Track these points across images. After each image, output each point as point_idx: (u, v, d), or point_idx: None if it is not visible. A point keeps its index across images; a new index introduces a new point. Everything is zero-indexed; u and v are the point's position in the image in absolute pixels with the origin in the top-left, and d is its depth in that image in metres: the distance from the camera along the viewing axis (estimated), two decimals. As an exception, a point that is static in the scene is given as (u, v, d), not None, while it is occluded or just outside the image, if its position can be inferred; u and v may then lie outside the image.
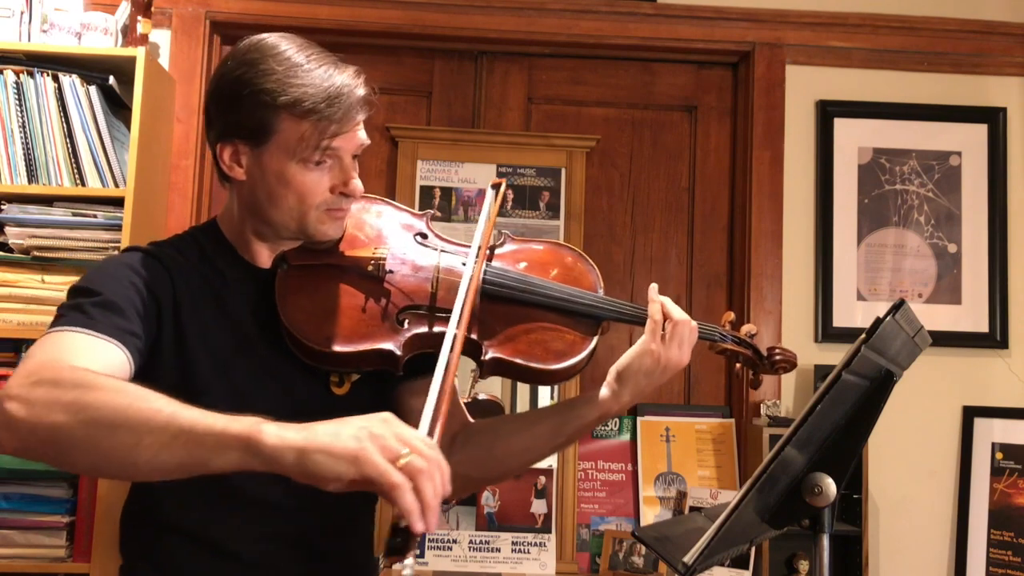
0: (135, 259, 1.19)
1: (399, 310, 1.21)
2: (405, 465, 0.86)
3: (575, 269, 1.34)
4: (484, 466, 1.32)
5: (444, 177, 2.55)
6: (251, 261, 1.25)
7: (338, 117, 1.14)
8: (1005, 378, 2.60)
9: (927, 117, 2.65)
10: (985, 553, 2.47)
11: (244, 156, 1.18)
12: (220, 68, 1.21)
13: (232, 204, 1.26)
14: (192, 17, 2.55)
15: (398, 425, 0.90)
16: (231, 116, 1.17)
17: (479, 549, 2.34)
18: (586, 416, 1.29)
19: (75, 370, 0.96)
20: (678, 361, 1.28)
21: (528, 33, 2.61)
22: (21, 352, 2.17)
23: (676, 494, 2.47)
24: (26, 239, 2.16)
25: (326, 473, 0.87)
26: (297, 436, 0.88)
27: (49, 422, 0.91)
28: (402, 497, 0.85)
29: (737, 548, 1.45)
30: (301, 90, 1.13)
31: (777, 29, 2.64)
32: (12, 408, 0.93)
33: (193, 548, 1.19)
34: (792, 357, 1.39)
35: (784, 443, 0.99)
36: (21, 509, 2.13)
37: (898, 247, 2.62)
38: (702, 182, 2.72)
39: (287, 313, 1.17)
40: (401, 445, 0.87)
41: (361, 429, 0.88)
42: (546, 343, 1.24)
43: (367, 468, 0.86)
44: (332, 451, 0.86)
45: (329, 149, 1.16)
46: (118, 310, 1.09)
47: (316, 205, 1.18)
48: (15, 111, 2.19)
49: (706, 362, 2.66)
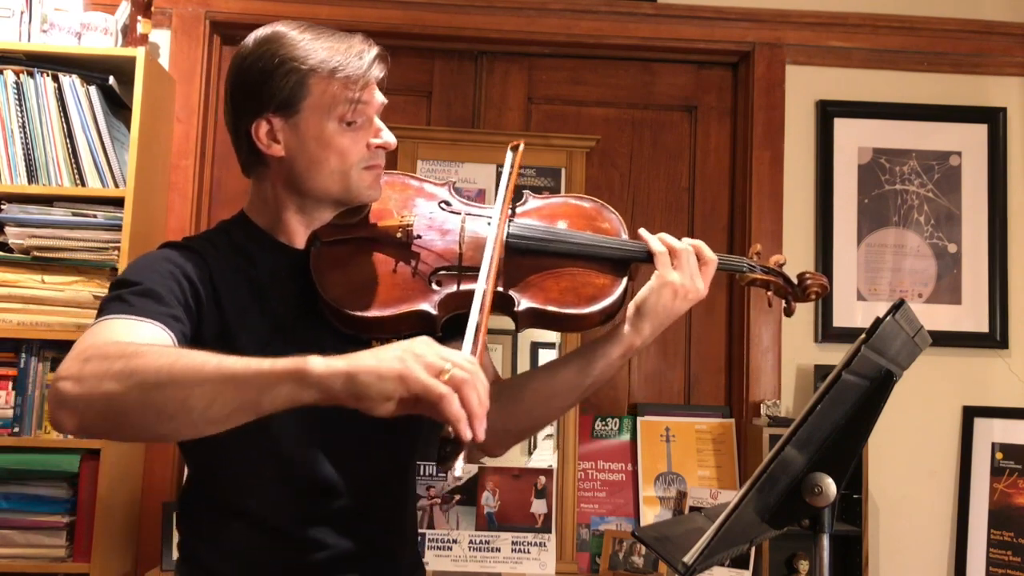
0: (170, 252, 1.22)
1: (431, 272, 1.25)
2: (449, 378, 0.91)
3: (598, 217, 1.37)
4: (515, 417, 1.35)
5: (444, 177, 2.55)
6: (288, 243, 1.28)
7: (363, 71, 1.21)
8: (1005, 378, 2.60)
9: (927, 117, 2.65)
10: (985, 553, 2.47)
11: (280, 131, 1.23)
12: (237, 58, 1.26)
13: (264, 190, 1.28)
14: (192, 17, 2.55)
15: (437, 345, 0.95)
16: (263, 91, 1.21)
17: (479, 549, 2.34)
18: (610, 354, 1.31)
19: (119, 343, 1.00)
20: (695, 291, 1.31)
21: (528, 33, 2.62)
22: (21, 352, 2.17)
23: (676, 494, 2.47)
24: (26, 239, 2.16)
25: (375, 394, 0.91)
26: (343, 362, 0.93)
27: (102, 392, 0.95)
28: (449, 406, 0.90)
29: (737, 548, 1.45)
30: (325, 52, 1.21)
31: (777, 29, 2.64)
32: (66, 387, 0.96)
33: (251, 530, 1.23)
34: (824, 281, 1.40)
35: (784, 443, 0.99)
36: (21, 509, 2.13)
37: (898, 247, 2.62)
38: (702, 182, 2.72)
39: (325, 287, 1.21)
40: (443, 361, 0.92)
41: (404, 350, 0.93)
42: (576, 289, 1.28)
43: (413, 384, 0.90)
44: (379, 372, 0.91)
45: (360, 104, 1.22)
46: (158, 297, 1.12)
47: (356, 163, 1.24)
48: (15, 111, 2.19)
49: (706, 362, 2.66)
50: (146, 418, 0.96)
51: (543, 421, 1.46)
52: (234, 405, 0.94)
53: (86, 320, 2.17)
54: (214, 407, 0.94)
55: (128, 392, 0.94)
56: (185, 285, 1.17)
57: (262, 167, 1.27)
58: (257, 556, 1.24)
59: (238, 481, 1.23)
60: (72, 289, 2.18)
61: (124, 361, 0.96)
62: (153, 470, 2.41)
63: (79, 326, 2.17)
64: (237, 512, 1.24)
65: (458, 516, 2.34)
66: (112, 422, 0.97)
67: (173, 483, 2.42)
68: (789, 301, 1.42)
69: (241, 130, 1.24)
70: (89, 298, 2.17)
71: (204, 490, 1.28)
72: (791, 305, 1.42)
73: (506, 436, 1.38)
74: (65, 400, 0.96)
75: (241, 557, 1.24)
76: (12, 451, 2.12)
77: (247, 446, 1.18)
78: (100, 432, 1.01)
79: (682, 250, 1.32)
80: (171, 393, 0.94)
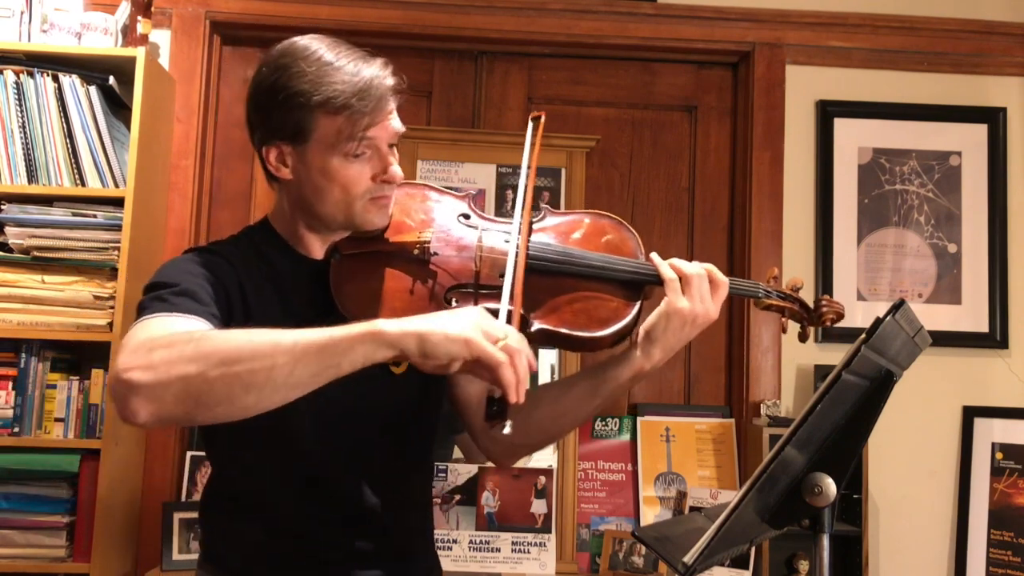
0: (198, 256, 1.26)
1: (446, 290, 1.27)
2: (505, 346, 1.02)
3: (615, 237, 1.36)
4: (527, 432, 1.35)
5: (444, 177, 2.55)
6: (305, 254, 1.31)
7: (369, 109, 1.20)
8: (1005, 378, 2.60)
9: (927, 117, 2.65)
10: (985, 553, 2.47)
11: (288, 156, 1.25)
12: (256, 76, 1.27)
13: (282, 202, 1.32)
14: (192, 17, 2.55)
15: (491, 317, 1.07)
16: (271, 120, 1.23)
17: (479, 549, 2.34)
18: (619, 376, 1.32)
19: (176, 333, 1.04)
20: (705, 315, 1.29)
21: (528, 33, 2.62)
22: (21, 352, 2.17)
23: (676, 494, 2.47)
24: (26, 239, 2.16)
25: (442, 354, 1.01)
26: (415, 324, 1.02)
27: (178, 375, 0.98)
28: (505, 372, 1.01)
29: (737, 548, 1.45)
30: (332, 88, 1.19)
31: (777, 29, 2.64)
32: (136, 376, 0.98)
33: (270, 529, 1.26)
34: (840, 308, 1.40)
35: (784, 443, 0.98)
36: (21, 509, 2.13)
37: (898, 247, 2.62)
38: (702, 182, 2.72)
39: (342, 300, 1.24)
40: (500, 331, 1.04)
41: (467, 319, 1.03)
42: (589, 311, 1.28)
43: (476, 348, 1.01)
44: (447, 334, 1.01)
45: (365, 140, 1.22)
46: (196, 296, 1.16)
47: (360, 195, 1.24)
48: (15, 111, 2.19)
49: (706, 362, 2.66)
50: (232, 391, 0.99)
51: (552, 437, 1.47)
52: (316, 369, 1.00)
53: (86, 320, 2.17)
54: (297, 372, 0.99)
55: (208, 371, 0.98)
56: (216, 286, 1.20)
57: (276, 183, 1.30)
58: (275, 554, 1.26)
59: (258, 481, 1.27)
60: (72, 289, 2.18)
61: (194, 344, 1.00)
62: (153, 470, 2.41)
63: (79, 326, 2.17)
64: (257, 511, 1.27)
65: (458, 516, 2.34)
66: (192, 402, 1.00)
67: (173, 483, 2.42)
68: (804, 326, 1.41)
69: (257, 148, 1.28)
70: (89, 298, 2.17)
71: (225, 490, 1.31)
72: (805, 330, 1.41)
73: (516, 449, 1.43)
74: (139, 389, 0.98)
75: (260, 555, 1.26)
76: (12, 451, 2.12)
77: (267, 446, 1.23)
78: (178, 415, 1.02)
79: (693, 275, 1.29)
80: (256, 365, 0.99)
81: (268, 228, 1.34)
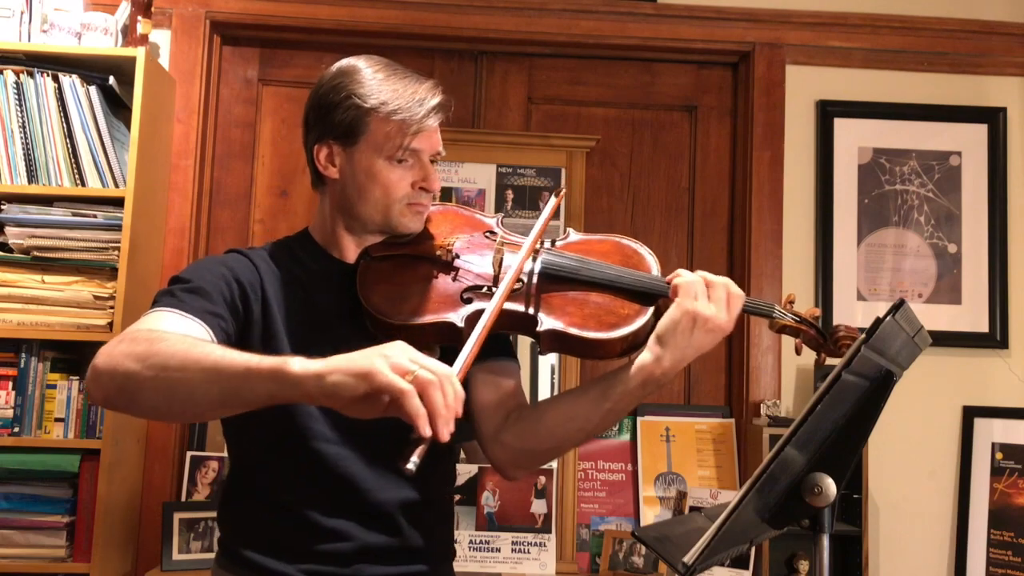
0: (227, 256, 1.36)
1: (463, 290, 1.33)
2: (414, 379, 0.95)
3: (633, 257, 1.40)
4: (536, 438, 1.38)
5: (444, 177, 2.54)
6: (339, 258, 1.39)
7: (418, 119, 1.31)
8: (1005, 378, 2.60)
9: (927, 117, 2.65)
10: (985, 553, 2.47)
11: (338, 156, 1.35)
12: (319, 80, 1.38)
13: (324, 208, 1.41)
14: (192, 17, 2.55)
15: (412, 351, 0.99)
16: (329, 119, 1.34)
17: (479, 549, 2.34)
18: (629, 381, 1.30)
19: (151, 331, 1.11)
20: (715, 320, 1.28)
21: (528, 33, 2.62)
22: (21, 352, 2.18)
23: (676, 494, 2.47)
24: (26, 239, 2.16)
25: (342, 392, 0.96)
26: (319, 363, 0.98)
27: (123, 370, 1.05)
28: (408, 402, 0.94)
29: (737, 548, 1.45)
30: (389, 94, 1.32)
31: (777, 29, 2.64)
32: (98, 362, 1.08)
33: (287, 523, 1.29)
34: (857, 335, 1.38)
35: (784, 443, 0.98)
36: (21, 509, 2.13)
37: (898, 247, 2.62)
38: (702, 182, 2.72)
39: (365, 294, 1.31)
40: (411, 363, 0.96)
41: (374, 352, 0.97)
42: (600, 316, 1.31)
43: (376, 380, 0.94)
44: (347, 370, 0.96)
45: (410, 148, 1.32)
46: (205, 294, 1.23)
47: (399, 199, 1.34)
48: (15, 111, 2.19)
49: (706, 362, 2.66)
50: (156, 397, 1.05)
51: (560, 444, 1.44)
52: (221, 395, 1.02)
53: (86, 320, 2.17)
54: (208, 395, 1.03)
55: (142, 372, 1.04)
56: (235, 287, 1.28)
57: (323, 185, 1.39)
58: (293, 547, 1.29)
59: (276, 476, 1.31)
60: (72, 289, 2.18)
61: (147, 344, 1.06)
62: (153, 470, 2.41)
63: (79, 326, 2.17)
64: (275, 506, 1.30)
65: (458, 516, 2.34)
66: (128, 397, 1.07)
67: (173, 483, 2.42)
68: (820, 353, 1.39)
69: (309, 147, 1.38)
70: (89, 298, 2.17)
71: (244, 485, 1.35)
72: (821, 357, 1.40)
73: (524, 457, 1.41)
74: (95, 373, 1.08)
75: (277, 549, 1.29)
76: (12, 451, 2.13)
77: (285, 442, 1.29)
78: (119, 405, 1.10)
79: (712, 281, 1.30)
80: (177, 377, 1.03)
81: (306, 236, 1.43)
